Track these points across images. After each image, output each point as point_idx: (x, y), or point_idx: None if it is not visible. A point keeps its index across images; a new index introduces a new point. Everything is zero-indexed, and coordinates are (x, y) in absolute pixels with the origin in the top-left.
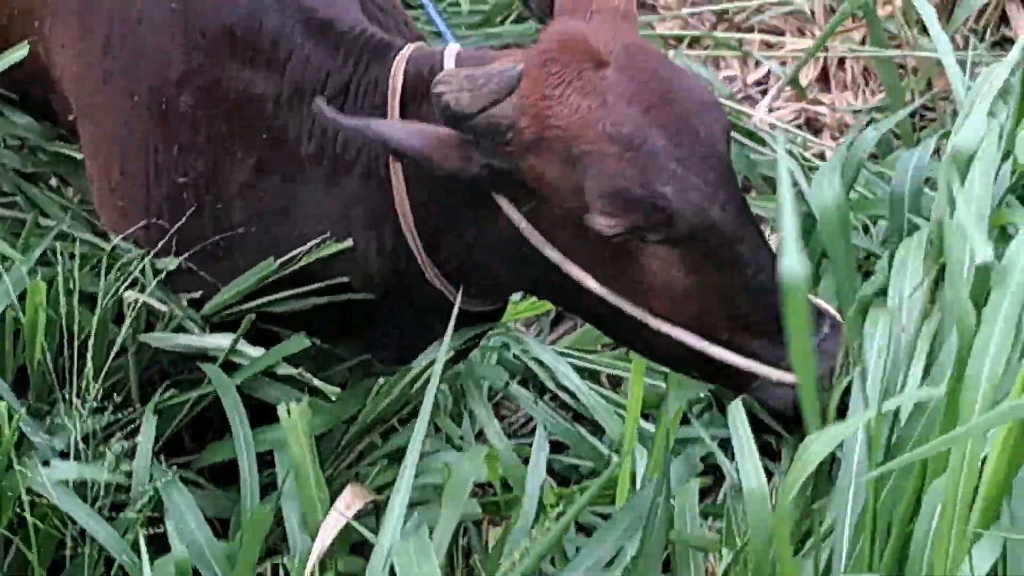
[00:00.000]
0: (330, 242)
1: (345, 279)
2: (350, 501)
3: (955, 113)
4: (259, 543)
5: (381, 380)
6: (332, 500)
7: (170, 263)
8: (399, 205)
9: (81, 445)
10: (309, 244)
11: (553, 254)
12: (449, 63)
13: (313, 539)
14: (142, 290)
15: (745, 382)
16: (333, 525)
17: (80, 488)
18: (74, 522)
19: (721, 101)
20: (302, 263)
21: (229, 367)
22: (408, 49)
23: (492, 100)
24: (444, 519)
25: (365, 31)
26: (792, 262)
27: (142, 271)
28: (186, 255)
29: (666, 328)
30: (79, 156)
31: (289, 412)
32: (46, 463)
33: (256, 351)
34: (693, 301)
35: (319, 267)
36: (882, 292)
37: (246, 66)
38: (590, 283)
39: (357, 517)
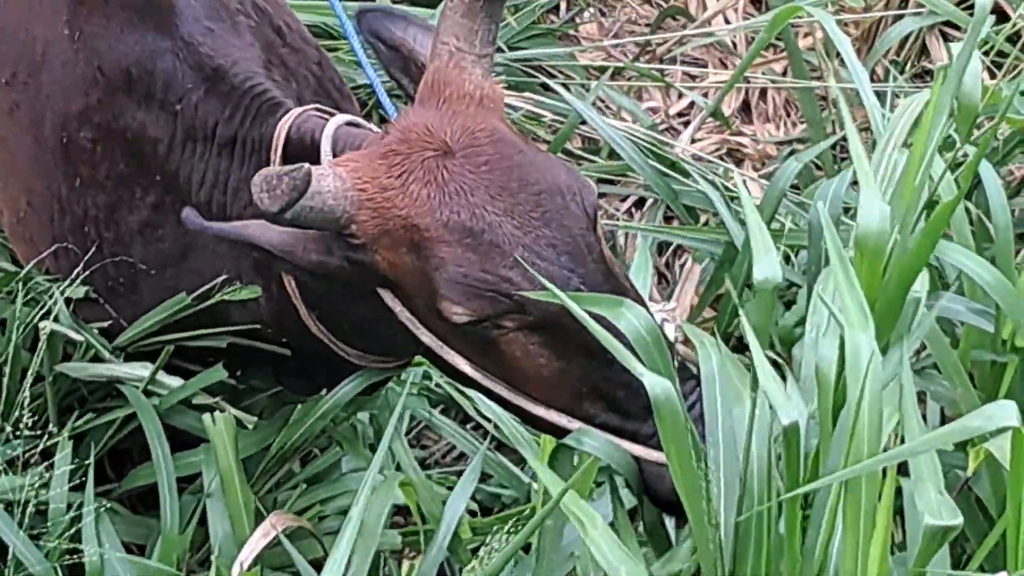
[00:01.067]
0: (232, 285)
1: (242, 322)
2: (274, 522)
3: (874, 144)
4: (174, 563)
5: (298, 407)
6: (256, 522)
7: (77, 291)
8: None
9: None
10: (211, 285)
11: (427, 338)
12: (326, 141)
13: (239, 547)
14: (56, 320)
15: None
16: (257, 542)
17: None
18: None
19: (584, 180)
20: (211, 302)
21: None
22: (292, 115)
23: (288, 201)
24: (361, 550)
25: (257, 86)
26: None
27: (54, 300)
28: (91, 287)
29: (541, 412)
30: None
31: (214, 421)
32: None
33: (174, 381)
34: (561, 385)
35: (220, 306)
36: (802, 322)
37: (141, 106)
38: (464, 367)
39: (277, 541)
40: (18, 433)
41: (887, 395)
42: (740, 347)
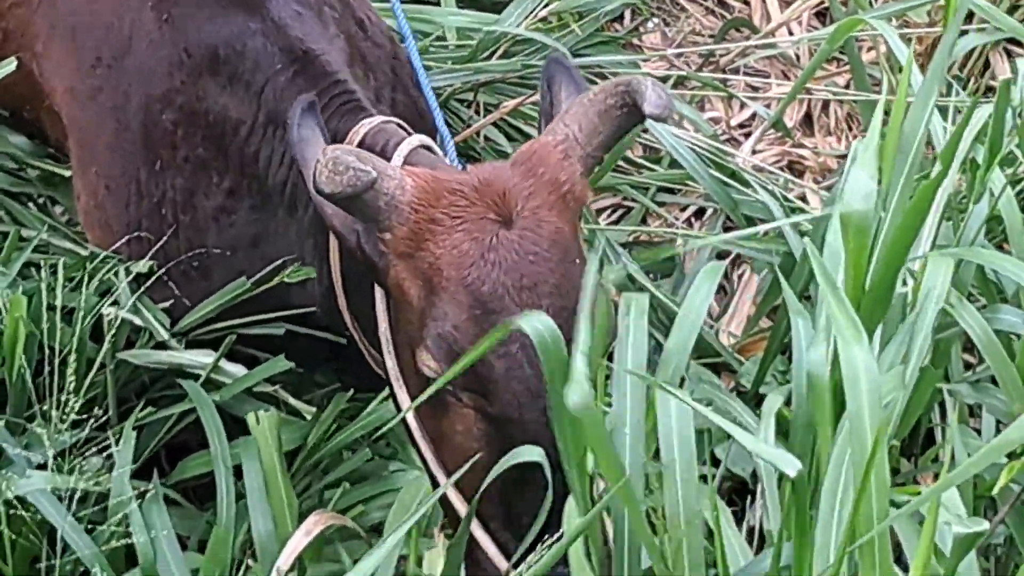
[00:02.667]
0: (294, 266)
1: (306, 307)
2: (316, 521)
3: (935, 158)
4: (223, 560)
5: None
6: (300, 520)
7: (142, 266)
8: (332, 250)
9: (57, 460)
10: (272, 267)
11: (390, 361)
12: (398, 158)
13: (281, 546)
14: (119, 305)
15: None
16: (298, 542)
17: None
18: (50, 536)
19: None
20: (272, 284)
21: (206, 386)
22: (373, 122)
23: (341, 193)
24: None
25: (342, 80)
26: None
27: (120, 288)
28: (162, 270)
29: (444, 484)
30: (67, 174)
31: (258, 420)
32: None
33: (237, 368)
34: (479, 478)
35: (282, 292)
36: None
37: (225, 88)
38: (405, 406)
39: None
40: (83, 419)
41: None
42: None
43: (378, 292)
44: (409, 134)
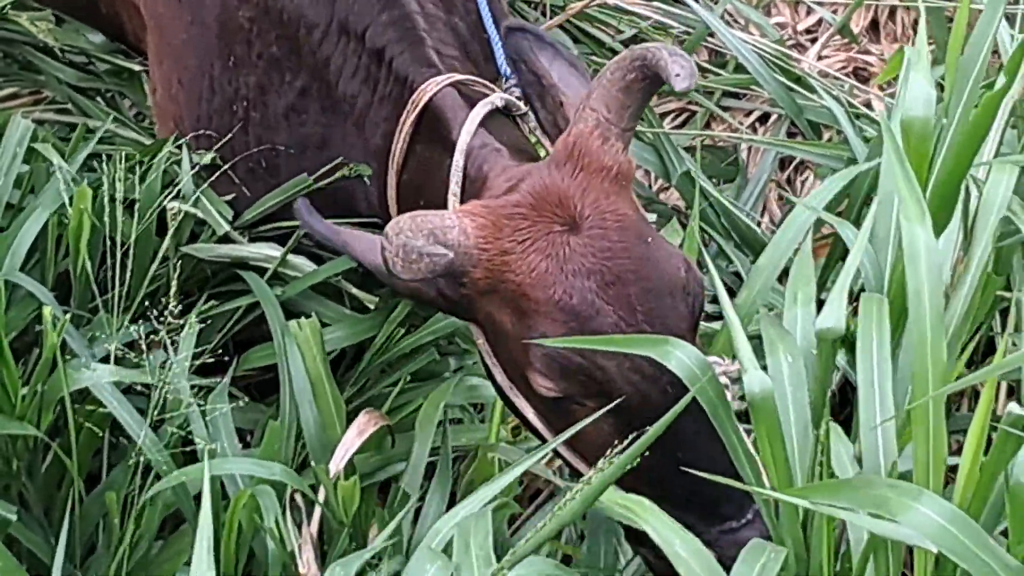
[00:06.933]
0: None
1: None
2: (367, 422)
3: (1001, 67)
4: (279, 453)
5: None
6: (350, 419)
7: (208, 158)
8: (390, 187)
9: (120, 354)
10: (331, 165)
11: (500, 378)
12: (460, 156)
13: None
14: (185, 200)
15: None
16: (350, 444)
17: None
18: (113, 430)
19: (697, 276)
20: (335, 184)
21: (273, 281)
22: (437, 83)
23: (419, 278)
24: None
25: (416, 18)
26: None
27: (183, 180)
28: (229, 164)
29: (585, 471)
30: (137, 68)
31: (300, 327)
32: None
33: (303, 262)
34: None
35: (348, 199)
36: None
37: None
38: (529, 415)
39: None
40: (146, 313)
41: None
42: None
43: (473, 327)
44: (469, 93)
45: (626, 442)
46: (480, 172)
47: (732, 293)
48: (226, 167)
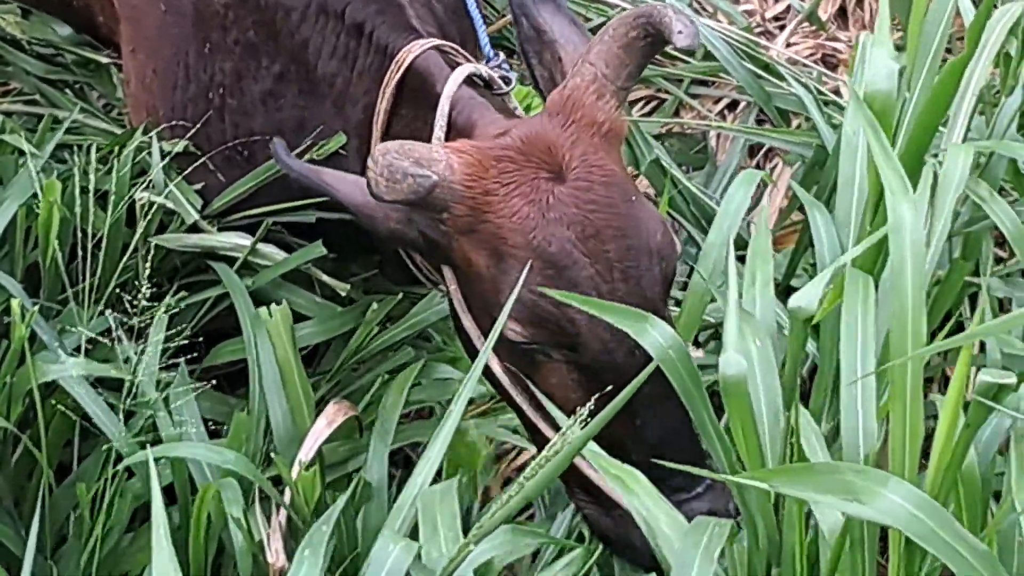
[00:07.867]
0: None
1: None
2: (336, 411)
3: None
4: (245, 445)
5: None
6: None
7: (179, 147)
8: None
9: (90, 346)
10: (308, 144)
11: (468, 324)
12: (445, 101)
13: (300, 440)
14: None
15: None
16: (319, 434)
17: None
18: (83, 420)
19: (674, 245)
20: (310, 158)
21: (244, 271)
22: (419, 46)
23: (403, 199)
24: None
25: None
26: None
27: (154, 171)
28: (207, 156)
29: (549, 433)
30: (104, 60)
31: (271, 315)
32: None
33: (273, 250)
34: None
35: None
36: None
37: None
38: (493, 364)
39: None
40: (118, 304)
41: None
42: None
43: (446, 271)
44: (450, 61)
45: (588, 403)
46: (468, 121)
47: None
48: (205, 157)
